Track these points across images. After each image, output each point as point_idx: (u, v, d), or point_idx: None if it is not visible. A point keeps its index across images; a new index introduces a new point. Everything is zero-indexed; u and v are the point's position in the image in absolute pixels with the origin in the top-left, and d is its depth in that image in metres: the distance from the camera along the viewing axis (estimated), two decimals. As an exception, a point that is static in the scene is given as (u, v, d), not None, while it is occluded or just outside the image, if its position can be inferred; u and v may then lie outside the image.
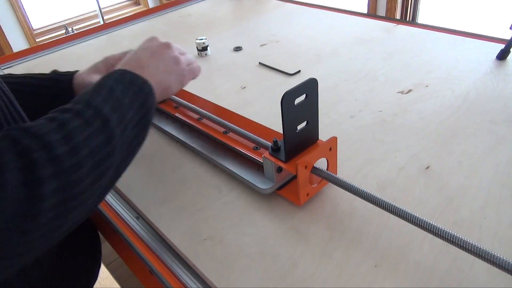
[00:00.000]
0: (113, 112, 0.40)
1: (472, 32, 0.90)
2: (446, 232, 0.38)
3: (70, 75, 0.63)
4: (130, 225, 0.54)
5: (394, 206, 0.42)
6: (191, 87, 0.66)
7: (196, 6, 1.34)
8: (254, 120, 0.62)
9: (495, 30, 1.04)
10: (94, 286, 0.61)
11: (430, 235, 0.40)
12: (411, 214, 0.40)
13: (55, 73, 0.65)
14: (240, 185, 0.56)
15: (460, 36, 0.89)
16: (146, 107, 0.44)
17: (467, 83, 0.72)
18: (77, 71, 0.64)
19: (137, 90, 0.44)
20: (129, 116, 0.42)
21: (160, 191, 0.57)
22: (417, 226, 0.40)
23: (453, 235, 0.37)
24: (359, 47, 0.91)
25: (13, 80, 0.61)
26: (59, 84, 0.62)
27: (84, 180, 0.35)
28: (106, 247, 0.65)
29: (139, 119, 0.43)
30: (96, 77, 0.60)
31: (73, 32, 2.70)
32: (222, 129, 0.62)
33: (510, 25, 0.74)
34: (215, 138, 0.62)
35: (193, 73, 0.57)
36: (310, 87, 0.47)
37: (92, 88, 0.42)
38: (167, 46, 0.54)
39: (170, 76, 0.52)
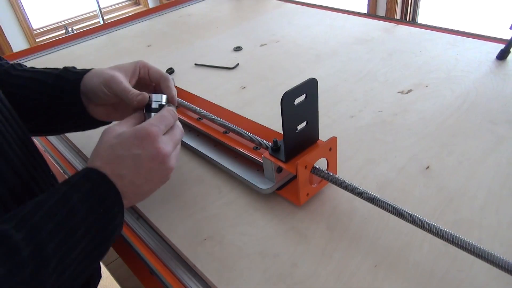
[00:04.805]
0: (57, 250, 0.33)
1: (472, 32, 0.90)
2: (446, 232, 0.38)
3: (80, 74, 0.53)
4: (130, 225, 0.54)
5: (394, 206, 0.42)
6: (191, 87, 0.66)
7: (196, 6, 1.34)
8: (254, 120, 0.62)
9: (495, 30, 1.04)
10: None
11: (430, 235, 0.39)
12: (411, 214, 0.40)
13: (65, 69, 0.56)
14: (240, 185, 0.56)
15: (460, 36, 0.89)
16: (104, 234, 0.38)
17: (467, 83, 0.72)
18: (92, 69, 0.53)
19: (102, 212, 0.37)
20: (78, 250, 0.35)
21: (160, 191, 0.56)
22: (417, 226, 0.40)
23: (453, 235, 0.37)
24: (359, 47, 0.91)
25: (23, 77, 0.56)
26: (62, 84, 0.53)
27: None
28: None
29: (91, 250, 0.37)
30: (118, 75, 0.49)
31: (73, 32, 2.70)
32: (222, 129, 0.62)
33: (510, 25, 0.74)
34: (215, 138, 0.62)
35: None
36: (310, 87, 0.47)
37: (52, 200, 0.35)
38: (161, 160, 0.42)
39: (150, 186, 0.43)
